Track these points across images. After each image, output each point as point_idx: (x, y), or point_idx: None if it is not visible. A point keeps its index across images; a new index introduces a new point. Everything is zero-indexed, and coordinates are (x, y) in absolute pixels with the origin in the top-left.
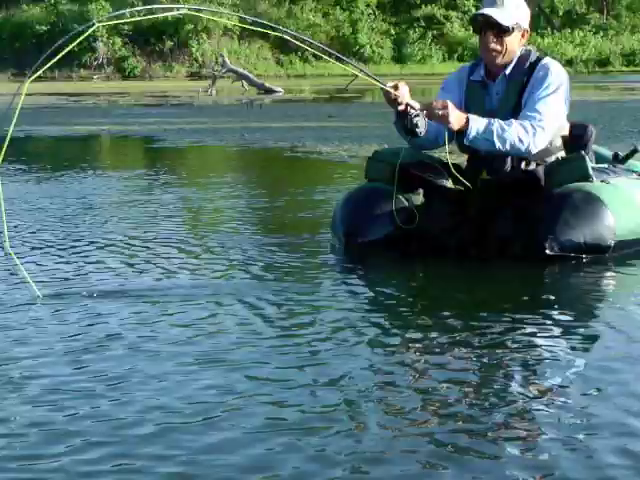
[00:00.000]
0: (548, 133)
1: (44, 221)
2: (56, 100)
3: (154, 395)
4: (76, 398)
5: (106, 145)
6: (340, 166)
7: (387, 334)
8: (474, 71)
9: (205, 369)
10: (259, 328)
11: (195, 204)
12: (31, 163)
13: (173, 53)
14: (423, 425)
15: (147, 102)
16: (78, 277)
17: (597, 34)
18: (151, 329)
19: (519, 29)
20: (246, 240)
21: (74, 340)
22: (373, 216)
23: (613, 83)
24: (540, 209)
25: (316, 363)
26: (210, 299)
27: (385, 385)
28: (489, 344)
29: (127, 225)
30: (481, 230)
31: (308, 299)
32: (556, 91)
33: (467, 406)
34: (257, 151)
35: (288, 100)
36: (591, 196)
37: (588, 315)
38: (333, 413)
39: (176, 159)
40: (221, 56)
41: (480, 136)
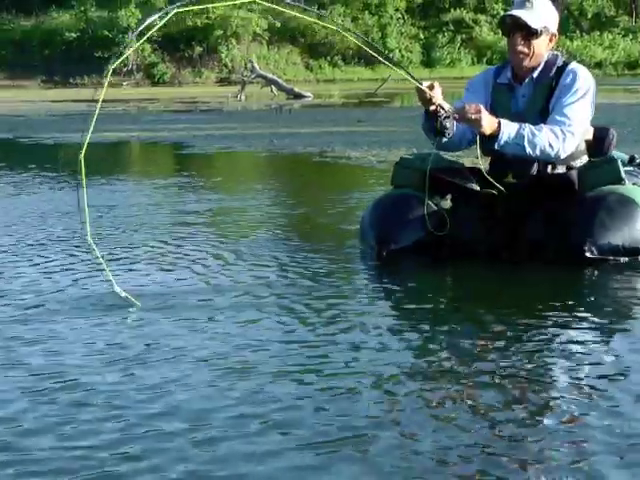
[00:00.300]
0: (577, 138)
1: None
2: (86, 107)
3: (199, 403)
4: (125, 407)
5: (135, 152)
6: (369, 171)
7: (424, 338)
8: (500, 73)
9: (246, 378)
10: (297, 336)
11: (224, 211)
12: (60, 170)
13: (202, 59)
14: (466, 435)
15: (176, 108)
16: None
17: (626, 37)
18: (189, 338)
19: (547, 32)
20: (278, 246)
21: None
22: (404, 223)
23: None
24: (574, 212)
25: (356, 371)
26: (246, 307)
27: (426, 390)
28: (525, 349)
29: (158, 231)
30: (512, 234)
31: (343, 306)
32: (584, 96)
33: (503, 412)
34: (286, 156)
35: (317, 105)
36: (626, 198)
37: (623, 318)
38: (378, 421)
39: (205, 165)
40: (250, 62)
41: (511, 141)
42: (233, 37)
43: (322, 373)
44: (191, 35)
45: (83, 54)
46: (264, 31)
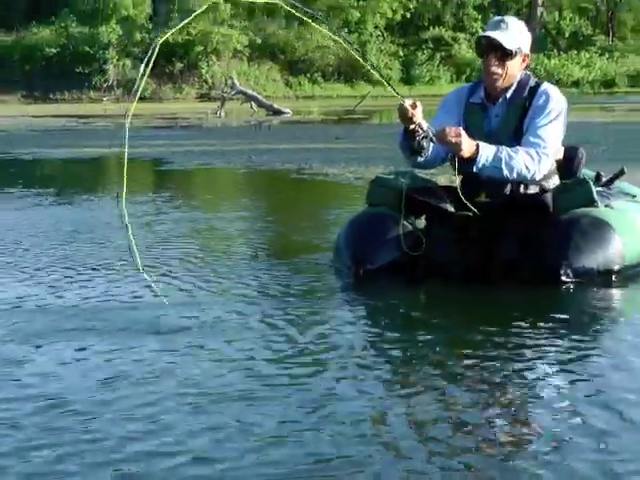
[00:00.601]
0: (551, 159)
1: (52, 243)
2: (66, 122)
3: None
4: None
5: (114, 167)
6: (346, 188)
7: (397, 359)
8: (473, 93)
9: (226, 400)
10: (278, 354)
11: (201, 227)
12: (38, 186)
13: (183, 75)
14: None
15: (157, 124)
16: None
17: (603, 56)
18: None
19: (521, 53)
20: (256, 263)
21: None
22: (380, 242)
23: (618, 104)
24: (549, 235)
25: (335, 392)
26: (225, 325)
27: (410, 407)
28: (503, 368)
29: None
30: (486, 254)
31: (318, 325)
32: (557, 117)
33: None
34: (264, 173)
35: (296, 121)
36: (600, 221)
37: (598, 334)
38: (363, 439)
39: (184, 182)
40: (230, 78)
41: (489, 164)
42: (214, 53)
43: (302, 390)
44: (172, 51)
45: (63, 69)
46: (244, 47)
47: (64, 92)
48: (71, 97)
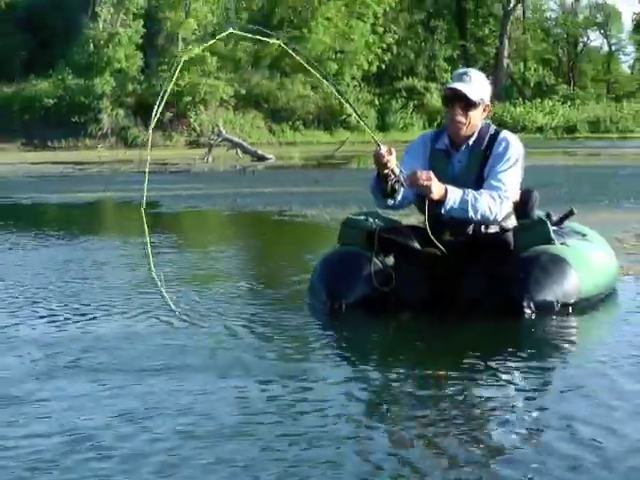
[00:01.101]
0: (510, 202)
1: (46, 284)
2: (62, 169)
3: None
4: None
5: (107, 211)
6: (323, 229)
7: (373, 386)
8: (438, 139)
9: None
10: (260, 386)
11: (187, 266)
12: (36, 229)
13: (172, 123)
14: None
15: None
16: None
17: (565, 103)
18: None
19: (483, 104)
20: (238, 301)
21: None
22: (353, 279)
23: (580, 148)
24: (512, 270)
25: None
26: (210, 361)
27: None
28: (468, 395)
29: (124, 287)
30: (452, 289)
31: (295, 358)
32: (515, 163)
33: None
34: (247, 215)
35: (279, 166)
36: (558, 258)
37: (552, 363)
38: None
39: (171, 224)
40: (217, 126)
41: (457, 206)
42: (201, 103)
43: (281, 423)
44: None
45: (61, 119)
46: (230, 97)
47: (61, 140)
48: (68, 145)
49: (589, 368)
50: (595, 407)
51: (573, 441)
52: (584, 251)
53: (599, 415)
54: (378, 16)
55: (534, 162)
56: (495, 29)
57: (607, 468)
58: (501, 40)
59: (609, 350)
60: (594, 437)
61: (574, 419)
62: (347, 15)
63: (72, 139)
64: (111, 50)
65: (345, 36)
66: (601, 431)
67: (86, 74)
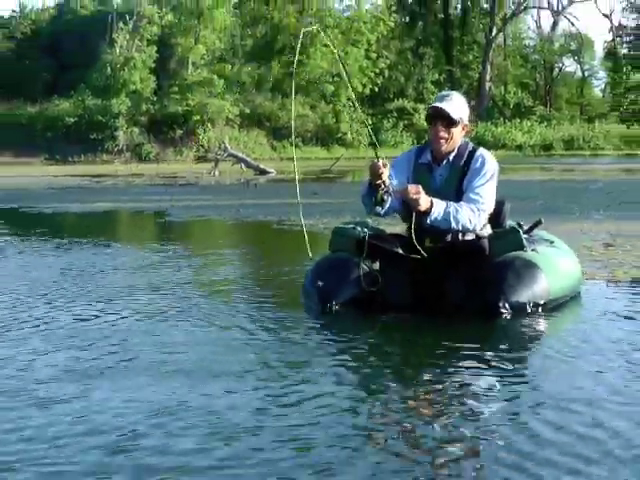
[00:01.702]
0: (487, 213)
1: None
2: (80, 181)
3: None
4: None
5: (122, 220)
6: (317, 237)
7: (362, 380)
8: (421, 154)
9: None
10: (261, 382)
11: (194, 270)
12: (56, 236)
13: (183, 140)
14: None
15: (159, 182)
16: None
17: (542, 123)
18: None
19: (462, 123)
20: (239, 302)
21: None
22: (343, 282)
23: (555, 164)
24: (489, 275)
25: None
26: (215, 358)
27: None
28: (447, 394)
29: (139, 290)
30: (433, 291)
31: (290, 353)
32: (491, 178)
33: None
34: (250, 224)
35: (280, 180)
36: (530, 263)
37: (525, 358)
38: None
39: (180, 231)
40: (223, 142)
41: (440, 217)
42: (209, 122)
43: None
44: (173, 119)
45: (80, 136)
46: (235, 116)
47: (80, 155)
48: (86, 159)
49: (556, 359)
50: (564, 393)
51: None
52: (552, 257)
53: (567, 399)
54: (371, 43)
55: (513, 177)
56: (478, 55)
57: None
58: (484, 65)
59: (579, 348)
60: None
61: (544, 406)
62: (343, 42)
63: (90, 154)
64: (127, 73)
65: (341, 61)
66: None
67: (104, 95)
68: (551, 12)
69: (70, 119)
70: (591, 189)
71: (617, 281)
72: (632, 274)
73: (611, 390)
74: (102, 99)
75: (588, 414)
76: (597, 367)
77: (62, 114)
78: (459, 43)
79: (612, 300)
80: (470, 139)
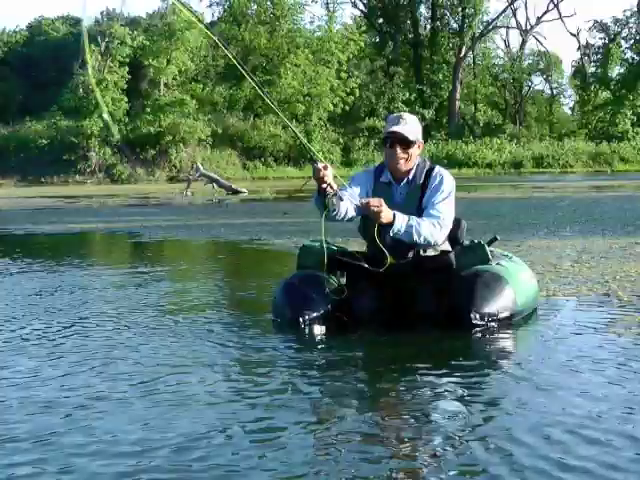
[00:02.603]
0: (448, 229)
1: (34, 309)
2: (54, 202)
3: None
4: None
5: (94, 240)
6: (288, 255)
7: (328, 391)
8: (381, 174)
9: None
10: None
11: (166, 291)
12: (29, 257)
13: (155, 160)
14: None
15: (132, 202)
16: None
17: (512, 141)
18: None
19: (418, 142)
20: (212, 319)
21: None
22: (312, 297)
23: (525, 182)
24: (459, 287)
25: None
26: (188, 373)
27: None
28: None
29: (108, 308)
30: (401, 303)
31: (263, 368)
32: (450, 195)
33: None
34: (221, 243)
35: (252, 199)
36: (497, 276)
37: (493, 367)
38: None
39: (151, 251)
40: (195, 163)
41: (403, 230)
42: (181, 142)
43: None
44: (146, 140)
45: (53, 157)
46: (208, 137)
47: (53, 176)
48: (59, 180)
49: (522, 368)
50: (527, 409)
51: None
52: (515, 271)
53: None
54: (342, 63)
55: (484, 195)
56: (448, 74)
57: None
58: (453, 84)
59: (545, 360)
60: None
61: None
62: (314, 62)
63: (63, 175)
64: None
65: (312, 81)
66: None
67: (76, 117)
68: (519, 31)
69: (43, 140)
70: (559, 206)
71: (581, 297)
72: (596, 290)
73: (568, 408)
74: (74, 120)
75: (544, 432)
76: (558, 383)
77: (35, 135)
78: (429, 62)
79: (575, 315)
80: (439, 158)
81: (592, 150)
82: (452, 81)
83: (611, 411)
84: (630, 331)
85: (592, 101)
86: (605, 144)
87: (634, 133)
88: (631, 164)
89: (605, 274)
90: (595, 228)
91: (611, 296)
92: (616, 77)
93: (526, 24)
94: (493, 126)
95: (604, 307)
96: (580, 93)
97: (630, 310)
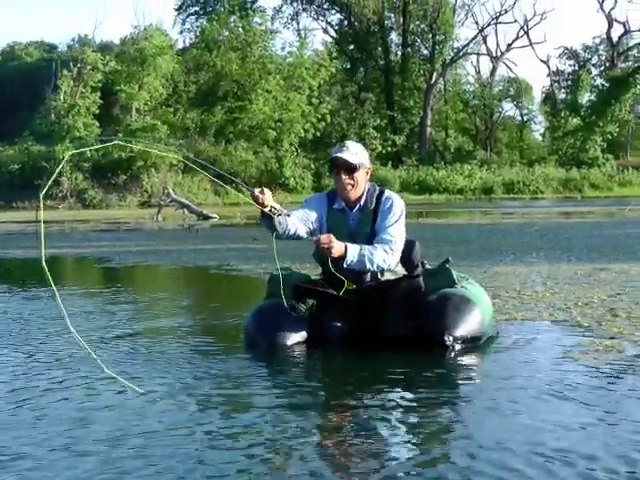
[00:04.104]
0: (399, 251)
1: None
2: (25, 227)
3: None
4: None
5: (64, 265)
6: (254, 281)
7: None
8: (334, 201)
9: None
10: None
11: (134, 315)
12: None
13: (127, 185)
14: None
15: (103, 228)
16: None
17: (482, 167)
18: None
19: (364, 167)
20: (182, 349)
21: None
22: (284, 324)
23: (496, 208)
24: (430, 309)
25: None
26: (162, 403)
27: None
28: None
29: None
30: (370, 327)
31: (238, 393)
32: (400, 217)
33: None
34: (189, 269)
35: (222, 225)
36: (466, 299)
37: (464, 385)
38: None
39: (120, 276)
40: (166, 188)
41: (355, 260)
42: (153, 167)
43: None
44: (117, 165)
45: (25, 182)
46: (179, 162)
47: (25, 201)
48: (30, 205)
49: (490, 386)
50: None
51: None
52: (478, 293)
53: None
54: (313, 89)
55: (454, 221)
56: (419, 100)
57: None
58: (424, 110)
59: (513, 380)
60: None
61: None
62: (285, 88)
63: (35, 200)
64: (71, 119)
65: (283, 106)
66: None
67: (47, 142)
68: (490, 58)
69: (14, 165)
70: (527, 232)
71: (541, 322)
72: (557, 316)
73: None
74: (46, 145)
75: (501, 458)
76: (524, 408)
77: (6, 160)
78: (400, 88)
79: (534, 340)
80: (410, 183)
81: (562, 176)
82: (423, 107)
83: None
84: (586, 356)
85: (562, 127)
86: (575, 170)
87: (604, 159)
88: (601, 190)
89: (568, 300)
90: (561, 255)
91: (571, 322)
92: (586, 104)
93: (496, 51)
94: (464, 152)
95: (564, 332)
96: (550, 119)
97: (588, 335)
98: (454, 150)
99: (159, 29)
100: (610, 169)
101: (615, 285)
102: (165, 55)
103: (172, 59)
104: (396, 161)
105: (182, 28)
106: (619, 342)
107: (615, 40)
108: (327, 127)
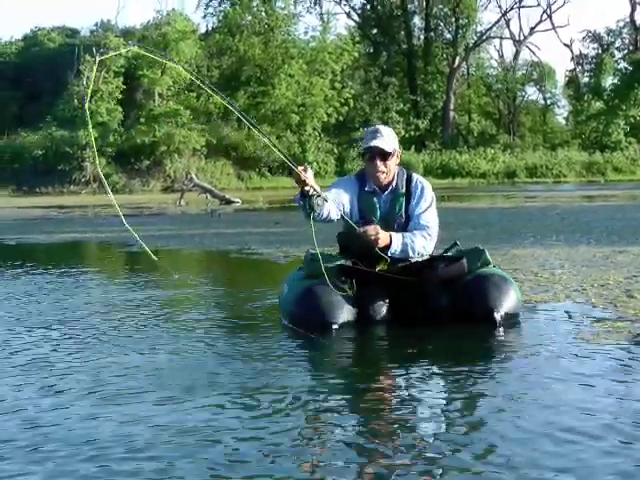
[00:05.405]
0: (436, 237)
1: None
2: (48, 212)
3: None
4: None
5: (87, 250)
6: (275, 265)
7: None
8: (364, 183)
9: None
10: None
11: (159, 301)
12: (21, 267)
13: (150, 170)
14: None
15: (126, 213)
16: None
17: (505, 151)
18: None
19: (396, 153)
20: (215, 331)
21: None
22: (338, 304)
23: (519, 192)
24: (476, 287)
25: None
26: (197, 386)
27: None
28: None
29: (104, 317)
30: (414, 305)
31: (286, 374)
32: (432, 203)
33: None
34: (211, 253)
35: (245, 209)
36: (504, 278)
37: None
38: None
39: (143, 261)
40: (189, 173)
41: (399, 249)
42: (176, 152)
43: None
44: (140, 150)
45: (48, 167)
46: (202, 147)
47: (48, 187)
48: (54, 191)
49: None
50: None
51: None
52: (506, 273)
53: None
54: (336, 73)
55: (476, 205)
56: (442, 85)
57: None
58: (447, 94)
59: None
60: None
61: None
62: (308, 72)
63: (58, 185)
64: (94, 105)
65: (306, 91)
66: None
67: (70, 127)
68: (513, 42)
69: (38, 151)
70: (548, 215)
71: (557, 304)
72: (572, 297)
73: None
74: (69, 131)
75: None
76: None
77: (29, 146)
78: (423, 72)
79: (549, 322)
80: (433, 167)
81: (585, 160)
82: (446, 91)
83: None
84: (598, 337)
85: (585, 111)
86: (598, 154)
87: (627, 143)
88: (624, 174)
89: (584, 282)
90: (581, 237)
91: (587, 303)
92: (609, 87)
93: (519, 34)
94: (487, 136)
95: (579, 314)
96: (573, 103)
97: (602, 317)
98: (477, 134)
99: (182, 14)
100: (633, 152)
101: (632, 267)
102: (188, 40)
103: (195, 44)
104: (419, 145)
105: (205, 12)
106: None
107: (638, 23)
108: (350, 111)
